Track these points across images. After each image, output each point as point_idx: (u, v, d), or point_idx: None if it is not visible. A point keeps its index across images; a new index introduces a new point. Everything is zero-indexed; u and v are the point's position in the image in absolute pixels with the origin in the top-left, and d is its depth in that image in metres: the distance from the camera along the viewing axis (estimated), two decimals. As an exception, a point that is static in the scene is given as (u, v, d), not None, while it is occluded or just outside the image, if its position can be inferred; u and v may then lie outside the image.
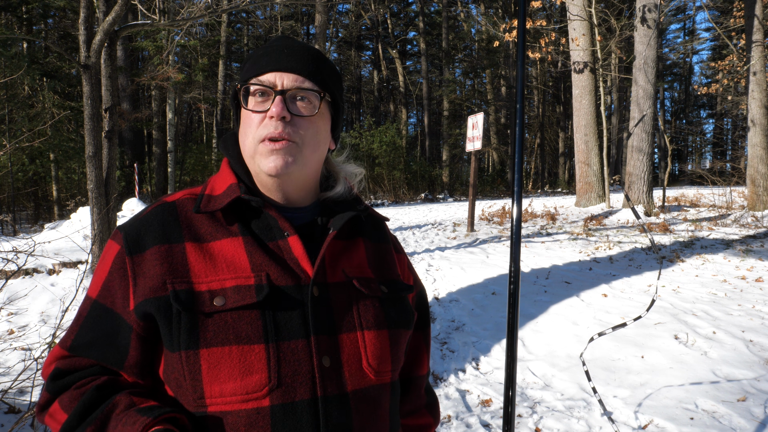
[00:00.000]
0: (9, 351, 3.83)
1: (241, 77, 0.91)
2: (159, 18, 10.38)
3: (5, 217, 12.55)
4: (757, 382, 3.31)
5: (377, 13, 29.33)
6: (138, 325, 0.82)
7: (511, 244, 1.06)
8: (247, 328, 0.79)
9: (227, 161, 0.95)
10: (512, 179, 1.10)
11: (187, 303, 0.79)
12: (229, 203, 0.87)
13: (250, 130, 0.87)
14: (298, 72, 0.87)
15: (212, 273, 0.82)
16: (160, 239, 0.84)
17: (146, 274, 0.82)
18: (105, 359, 0.83)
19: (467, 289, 5.44)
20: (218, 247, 0.85)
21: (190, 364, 0.78)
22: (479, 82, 33.05)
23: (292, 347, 0.80)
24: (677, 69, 42.67)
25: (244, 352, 0.78)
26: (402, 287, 0.97)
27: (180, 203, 0.89)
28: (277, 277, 0.83)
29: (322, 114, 0.90)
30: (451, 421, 3.01)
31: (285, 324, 0.81)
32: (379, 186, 22.60)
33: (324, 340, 0.83)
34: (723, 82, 15.27)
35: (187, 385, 0.79)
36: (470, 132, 8.92)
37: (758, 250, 7.07)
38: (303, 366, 0.80)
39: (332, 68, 0.94)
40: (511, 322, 1.06)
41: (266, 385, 0.78)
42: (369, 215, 1.00)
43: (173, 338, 0.79)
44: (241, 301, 0.80)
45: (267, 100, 0.87)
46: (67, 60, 14.74)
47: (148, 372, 0.85)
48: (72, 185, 16.32)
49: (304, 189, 0.93)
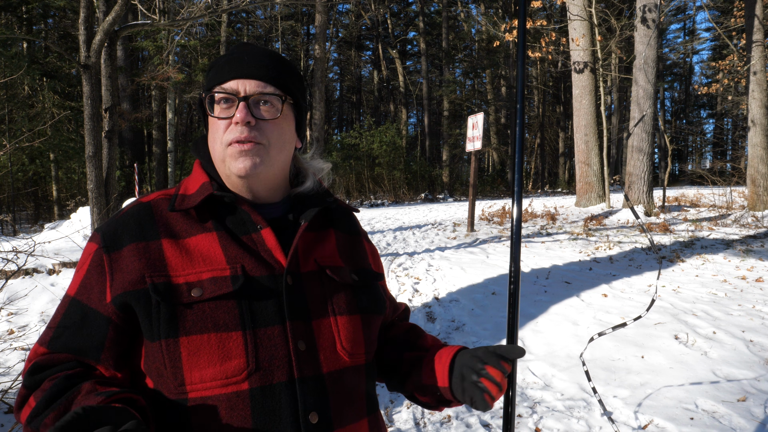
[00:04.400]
0: (9, 351, 3.83)
1: (206, 86, 0.94)
2: (159, 18, 10.38)
3: (5, 217, 12.55)
4: (757, 382, 3.31)
5: (377, 13, 29.33)
6: (116, 316, 0.84)
7: (511, 244, 1.06)
8: (225, 317, 0.82)
9: (199, 162, 0.99)
10: (512, 179, 1.10)
11: (166, 294, 0.82)
12: (202, 200, 0.90)
13: (217, 136, 0.91)
14: (259, 78, 0.91)
15: (189, 266, 0.85)
16: (137, 237, 0.87)
17: (124, 270, 0.84)
18: (81, 353, 0.84)
19: (467, 289, 5.43)
20: (194, 242, 0.88)
21: (170, 352, 0.81)
22: (479, 82, 33.04)
23: (269, 333, 0.84)
24: (677, 69, 42.65)
25: (222, 339, 0.81)
26: (372, 275, 1.03)
27: (155, 203, 0.93)
28: (252, 268, 0.87)
29: (286, 116, 0.94)
30: (451, 421, 3.01)
31: (261, 311, 0.84)
32: (379, 186, 22.59)
33: (299, 325, 0.86)
34: (723, 82, 15.26)
35: (167, 373, 0.82)
36: (470, 132, 8.92)
37: (758, 250, 7.06)
38: (279, 350, 0.84)
39: (293, 71, 0.97)
40: (511, 322, 1.05)
41: (245, 369, 0.81)
42: (339, 207, 1.03)
43: (153, 328, 0.82)
44: (217, 291, 0.83)
45: (231, 107, 0.90)
46: (67, 60, 14.74)
47: (124, 364, 0.86)
48: (72, 185, 16.32)
49: (272, 188, 0.96)
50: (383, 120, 32.48)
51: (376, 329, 1.00)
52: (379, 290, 1.04)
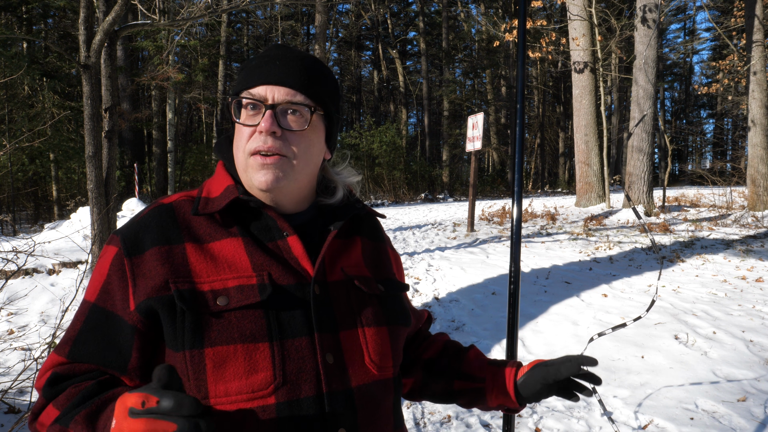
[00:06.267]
0: (9, 351, 3.83)
1: (234, 88, 0.91)
2: (159, 18, 10.38)
3: (5, 217, 12.55)
4: (757, 382, 3.31)
5: (377, 13, 29.33)
6: (142, 324, 0.80)
7: (511, 244, 1.06)
8: (252, 327, 0.79)
9: (222, 164, 0.94)
10: (512, 179, 1.11)
11: (192, 302, 0.79)
12: (227, 204, 0.86)
13: (241, 143, 0.87)
14: (289, 85, 0.86)
15: (214, 273, 0.82)
16: (160, 240, 0.83)
17: (147, 275, 0.81)
18: (106, 363, 0.81)
19: (467, 289, 5.43)
20: (218, 247, 0.84)
21: (194, 363, 0.78)
22: (479, 82, 33.02)
23: (296, 345, 0.81)
24: (677, 69, 42.64)
25: (249, 351, 0.78)
26: (397, 286, 0.99)
27: (177, 205, 0.88)
28: (278, 277, 0.83)
29: (315, 127, 0.89)
30: (451, 421, 3.01)
31: (288, 322, 0.81)
32: (379, 186, 22.60)
33: (327, 337, 0.84)
34: (723, 82, 15.27)
35: (191, 385, 0.79)
36: (470, 132, 8.92)
37: (758, 250, 7.06)
38: (307, 363, 0.81)
39: (327, 78, 0.92)
40: (511, 322, 1.06)
41: (272, 383, 0.78)
42: (367, 213, 1.00)
43: (177, 338, 0.79)
44: (244, 300, 0.80)
45: (258, 114, 0.86)
46: (67, 60, 14.73)
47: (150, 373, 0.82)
48: (72, 185, 16.32)
49: (296, 199, 0.92)
50: (383, 120, 32.47)
51: (403, 341, 0.97)
52: (404, 301, 1.01)
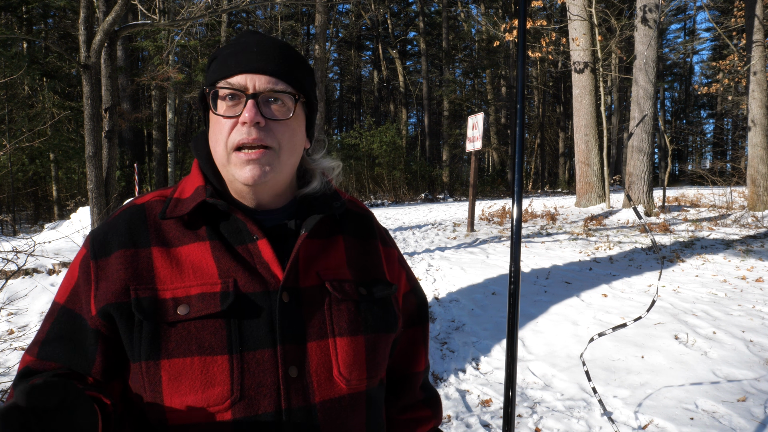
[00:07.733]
0: (9, 351, 3.83)
1: (208, 79, 0.85)
2: (159, 18, 10.38)
3: (5, 217, 12.55)
4: (757, 382, 3.31)
5: (377, 13, 29.33)
6: (105, 328, 0.79)
7: (511, 244, 1.06)
8: (211, 338, 0.76)
9: (197, 162, 0.91)
10: (512, 179, 1.10)
11: (150, 311, 0.76)
12: (194, 208, 0.83)
13: (221, 136, 0.82)
14: (270, 73, 0.82)
15: (178, 279, 0.79)
16: (126, 243, 0.81)
17: (109, 278, 0.79)
18: (73, 364, 0.80)
19: (467, 289, 5.43)
20: (185, 252, 0.81)
21: (150, 375, 0.75)
22: (479, 82, 33.04)
23: (257, 357, 0.77)
24: (677, 69, 42.65)
25: (206, 364, 0.75)
26: (385, 287, 0.91)
27: (149, 206, 0.86)
28: (245, 284, 0.80)
29: (297, 115, 0.85)
30: (451, 421, 3.01)
31: (250, 333, 0.77)
32: (379, 186, 22.60)
33: (291, 349, 0.79)
34: (723, 82, 15.26)
35: (147, 397, 0.76)
36: (470, 132, 8.92)
37: (758, 250, 7.06)
38: (268, 377, 0.77)
39: (305, 65, 0.88)
40: (511, 322, 1.05)
41: (228, 398, 0.75)
42: (348, 211, 0.95)
43: (134, 348, 0.76)
44: (205, 309, 0.77)
45: (238, 104, 0.81)
46: (67, 60, 14.74)
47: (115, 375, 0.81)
48: (72, 185, 16.33)
49: (278, 193, 0.88)
50: (383, 120, 32.47)
51: (385, 349, 0.89)
52: (392, 304, 0.92)
